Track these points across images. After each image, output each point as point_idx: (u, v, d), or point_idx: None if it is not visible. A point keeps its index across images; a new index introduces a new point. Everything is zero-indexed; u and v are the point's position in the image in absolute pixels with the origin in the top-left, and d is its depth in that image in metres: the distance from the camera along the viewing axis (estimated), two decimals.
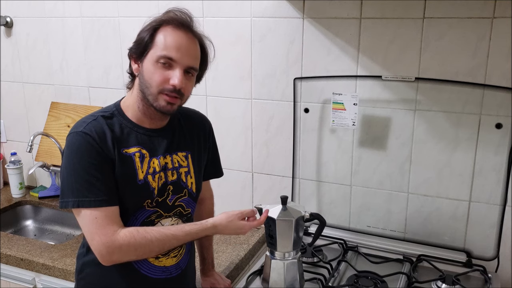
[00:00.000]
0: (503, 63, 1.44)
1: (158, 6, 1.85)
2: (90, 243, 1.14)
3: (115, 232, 1.12)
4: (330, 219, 1.71)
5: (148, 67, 1.15)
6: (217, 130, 1.43)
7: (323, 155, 1.75)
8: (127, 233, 1.13)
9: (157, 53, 1.14)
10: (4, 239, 1.85)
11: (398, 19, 1.53)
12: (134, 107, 1.21)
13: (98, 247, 1.13)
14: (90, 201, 1.12)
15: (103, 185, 1.13)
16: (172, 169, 1.25)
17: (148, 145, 1.22)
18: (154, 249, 1.16)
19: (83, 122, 1.17)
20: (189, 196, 1.30)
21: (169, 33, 1.15)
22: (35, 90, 2.27)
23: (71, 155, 1.14)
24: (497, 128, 1.49)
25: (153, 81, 1.15)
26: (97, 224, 1.12)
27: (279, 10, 1.69)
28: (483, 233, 1.57)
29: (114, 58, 2.03)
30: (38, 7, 2.14)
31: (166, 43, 1.14)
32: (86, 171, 1.12)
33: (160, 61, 1.14)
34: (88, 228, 1.13)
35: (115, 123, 1.19)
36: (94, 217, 1.12)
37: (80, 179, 1.12)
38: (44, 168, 2.21)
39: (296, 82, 1.72)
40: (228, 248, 1.74)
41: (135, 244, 1.13)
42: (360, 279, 1.45)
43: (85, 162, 1.12)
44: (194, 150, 1.32)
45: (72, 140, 1.15)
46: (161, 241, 1.16)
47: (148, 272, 1.24)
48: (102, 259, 1.14)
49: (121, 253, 1.13)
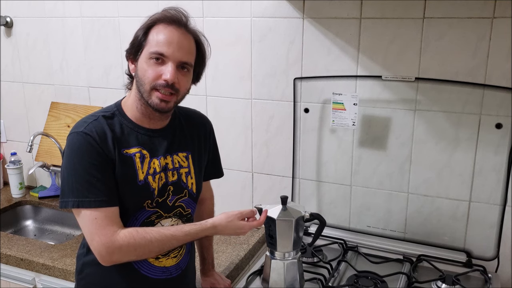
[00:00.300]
0: (503, 63, 1.44)
1: (158, 6, 1.84)
2: (90, 243, 1.14)
3: (115, 233, 1.12)
4: (330, 219, 1.72)
5: (142, 65, 1.16)
6: (217, 130, 1.43)
7: (323, 155, 1.75)
8: (127, 234, 1.13)
9: (150, 50, 1.15)
10: (4, 239, 1.85)
11: (398, 19, 1.53)
12: (133, 107, 1.21)
13: (97, 248, 1.13)
14: (90, 202, 1.12)
15: (103, 186, 1.13)
16: (172, 170, 1.25)
17: (149, 145, 1.22)
18: (153, 250, 1.16)
19: (84, 122, 1.17)
20: (189, 197, 1.30)
21: (160, 30, 1.16)
22: (35, 90, 2.27)
23: (72, 155, 1.14)
24: (497, 128, 1.49)
25: (146, 77, 1.15)
26: (97, 224, 1.12)
27: (279, 10, 1.69)
28: (483, 233, 1.57)
29: (114, 58, 2.03)
30: (38, 7, 2.14)
31: (157, 39, 1.15)
32: (86, 171, 1.12)
33: (152, 58, 1.14)
34: (88, 229, 1.13)
35: (116, 123, 1.19)
36: (94, 218, 1.12)
37: (80, 179, 1.12)
38: (44, 168, 2.21)
39: (296, 82, 1.72)
40: (228, 248, 1.74)
41: (135, 244, 1.13)
42: (360, 279, 1.45)
43: (86, 162, 1.12)
44: (194, 150, 1.32)
45: (72, 140, 1.15)
46: (160, 242, 1.16)
47: (148, 273, 1.24)
48: (102, 259, 1.14)
49: (120, 253, 1.13)
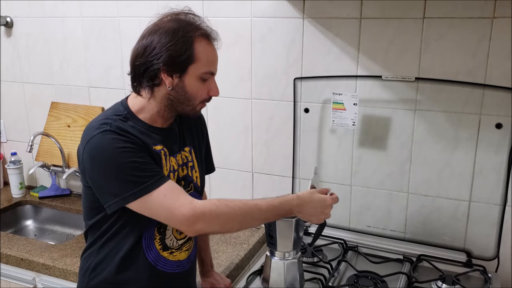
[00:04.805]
0: (503, 63, 1.44)
1: (158, 6, 1.85)
2: (171, 219, 1.10)
3: (193, 200, 1.10)
4: (330, 219, 1.70)
5: (192, 83, 1.14)
6: (217, 130, 1.44)
7: (323, 155, 1.75)
8: (207, 202, 1.11)
9: (202, 69, 1.14)
10: (4, 239, 1.85)
11: (398, 19, 1.53)
12: (151, 111, 1.19)
13: (180, 220, 1.09)
14: (151, 184, 1.08)
15: (152, 166, 1.11)
16: (182, 165, 1.26)
17: (167, 144, 1.21)
18: (236, 219, 1.12)
19: (102, 124, 1.12)
20: (194, 190, 1.31)
21: (206, 47, 1.14)
22: (35, 90, 2.27)
23: (107, 153, 1.09)
24: (497, 128, 1.49)
25: (198, 96, 1.16)
26: (170, 199, 1.09)
27: (279, 10, 1.69)
28: (483, 233, 1.57)
29: (114, 58, 2.03)
30: (38, 7, 2.14)
31: (208, 58, 1.14)
32: (130, 161, 1.08)
33: (205, 78, 1.15)
34: (163, 208, 1.09)
35: (131, 125, 1.16)
36: (163, 195, 1.08)
37: (128, 170, 1.08)
38: (44, 168, 2.21)
39: (296, 82, 1.72)
40: (228, 248, 1.74)
41: (217, 211, 1.10)
42: (360, 279, 1.45)
43: (126, 153, 1.08)
44: (195, 144, 1.33)
45: (101, 139, 1.09)
46: (243, 210, 1.12)
47: (164, 268, 1.24)
48: (188, 228, 1.10)
49: (204, 221, 1.09)
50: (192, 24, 1.14)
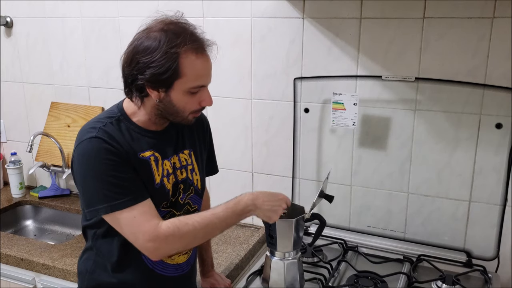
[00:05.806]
0: (503, 63, 1.44)
1: (158, 6, 1.85)
2: (135, 243, 1.11)
3: (157, 226, 1.09)
4: (330, 219, 1.71)
5: (179, 97, 1.12)
6: (217, 130, 1.44)
7: (323, 155, 1.75)
8: (169, 224, 1.10)
9: (189, 85, 1.10)
10: (4, 239, 1.85)
11: (398, 19, 1.53)
12: (143, 117, 1.18)
13: (144, 245, 1.10)
14: (123, 202, 1.09)
15: (131, 183, 1.10)
16: (180, 168, 1.26)
17: (158, 147, 1.20)
18: (198, 235, 1.13)
19: (92, 128, 1.13)
20: (195, 193, 1.31)
21: (193, 61, 1.09)
22: (35, 90, 2.27)
23: (90, 161, 1.10)
24: (497, 128, 1.49)
25: (187, 108, 1.14)
26: (137, 222, 1.09)
27: (279, 10, 1.69)
28: (483, 233, 1.57)
29: (114, 58, 2.02)
30: (38, 7, 2.13)
31: (196, 73, 1.10)
32: (110, 174, 1.09)
33: (194, 92, 1.12)
34: (129, 230, 1.10)
35: (123, 128, 1.16)
36: (132, 217, 1.09)
37: (105, 184, 1.08)
38: (44, 168, 2.21)
39: (296, 82, 1.72)
40: (228, 248, 1.74)
41: (180, 233, 1.10)
42: (360, 279, 1.45)
43: (107, 166, 1.09)
44: (196, 147, 1.33)
45: (87, 147, 1.10)
46: (203, 224, 1.12)
47: (163, 271, 1.24)
48: (151, 255, 1.12)
49: (167, 245, 1.10)
50: (179, 35, 1.08)
